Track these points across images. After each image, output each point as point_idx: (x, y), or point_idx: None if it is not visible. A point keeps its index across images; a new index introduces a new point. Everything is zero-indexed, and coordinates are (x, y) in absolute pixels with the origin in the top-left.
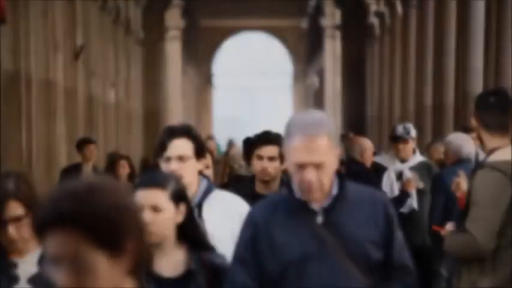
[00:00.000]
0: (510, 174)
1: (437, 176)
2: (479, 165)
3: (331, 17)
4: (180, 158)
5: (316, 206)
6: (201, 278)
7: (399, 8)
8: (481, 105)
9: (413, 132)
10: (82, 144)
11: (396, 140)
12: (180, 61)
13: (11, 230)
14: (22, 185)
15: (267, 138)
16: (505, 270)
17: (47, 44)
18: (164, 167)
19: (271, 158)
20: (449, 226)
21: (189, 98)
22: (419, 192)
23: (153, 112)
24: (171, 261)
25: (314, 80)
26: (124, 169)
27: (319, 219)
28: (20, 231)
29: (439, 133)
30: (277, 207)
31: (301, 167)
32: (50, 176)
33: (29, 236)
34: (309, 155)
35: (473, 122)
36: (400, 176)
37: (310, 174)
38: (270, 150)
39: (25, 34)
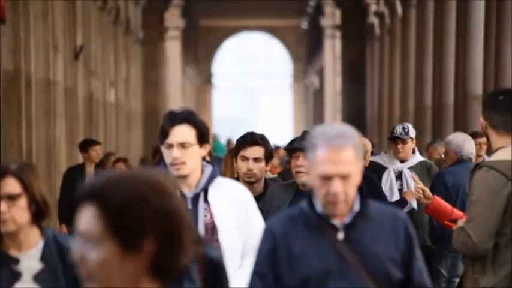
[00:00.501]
0: (509, 173)
1: (437, 175)
2: (478, 164)
3: (331, 17)
4: (182, 145)
5: (337, 222)
6: (195, 273)
7: (399, 8)
8: (489, 104)
9: (412, 133)
10: (86, 145)
11: (395, 140)
12: (179, 61)
13: (3, 206)
14: (26, 168)
15: (252, 139)
16: (505, 269)
17: (47, 43)
18: (166, 154)
19: (256, 159)
20: (460, 222)
21: (189, 98)
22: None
23: (153, 112)
24: None
25: (314, 80)
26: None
27: (340, 235)
28: (12, 211)
29: (438, 133)
30: (296, 221)
31: (327, 179)
32: (50, 176)
33: (24, 222)
34: (334, 166)
35: (482, 121)
36: (399, 175)
37: (336, 186)
38: (255, 151)
39: (25, 34)
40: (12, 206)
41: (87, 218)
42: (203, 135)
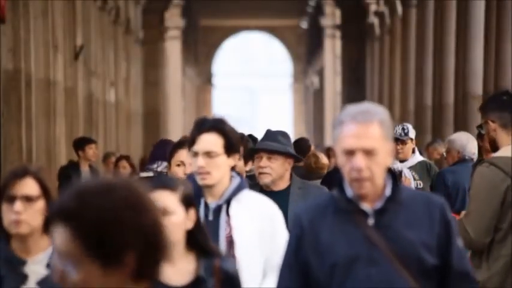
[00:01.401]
0: (508, 169)
1: (438, 174)
2: (480, 160)
3: (331, 16)
4: (208, 154)
5: (367, 207)
6: (211, 286)
7: (399, 8)
8: (495, 106)
9: (412, 133)
10: (83, 143)
11: (394, 141)
12: (179, 61)
13: (19, 206)
14: (43, 172)
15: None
16: (498, 264)
17: (47, 43)
18: (192, 161)
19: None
20: (463, 214)
21: (189, 98)
22: None
23: (153, 112)
24: (179, 269)
25: (314, 79)
26: (125, 169)
27: (371, 221)
28: (27, 213)
29: (438, 133)
30: (326, 207)
31: (350, 153)
32: (50, 175)
33: (37, 226)
34: (357, 140)
35: (491, 125)
36: (399, 175)
37: (359, 161)
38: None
39: (25, 34)
40: (29, 207)
41: (62, 239)
42: (231, 145)
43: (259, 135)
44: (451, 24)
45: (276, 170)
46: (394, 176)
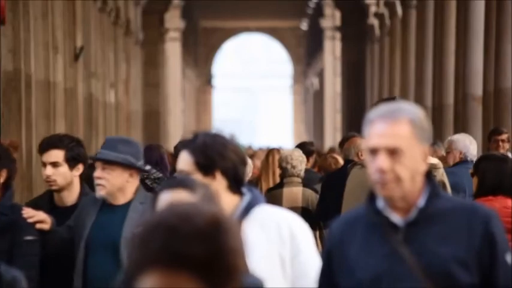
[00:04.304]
0: None
1: None
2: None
3: (331, 18)
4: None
5: (398, 219)
6: None
7: (399, 9)
8: None
9: None
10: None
11: None
12: (179, 62)
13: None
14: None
15: (49, 142)
16: None
17: (46, 44)
18: None
19: (54, 164)
20: None
21: (189, 99)
22: None
23: (152, 113)
24: None
25: (314, 81)
26: None
27: (401, 235)
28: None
29: (438, 134)
30: (357, 220)
31: (374, 152)
32: None
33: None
34: (381, 138)
35: None
36: None
37: (381, 160)
38: (53, 155)
39: (25, 35)
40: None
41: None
42: (205, 164)
43: (259, 136)
44: (451, 25)
45: (111, 182)
46: (434, 184)
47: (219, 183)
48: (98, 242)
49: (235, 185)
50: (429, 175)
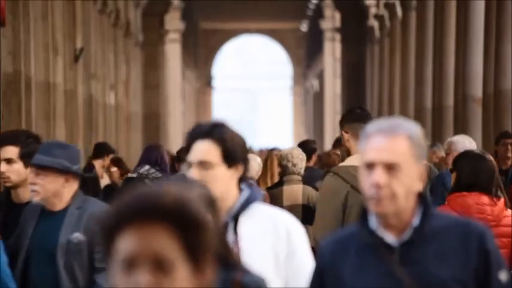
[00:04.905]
0: (348, 177)
1: (437, 177)
2: (326, 171)
3: (331, 19)
4: (202, 165)
5: (393, 240)
6: None
7: (399, 11)
8: (349, 118)
9: None
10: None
11: None
12: (179, 63)
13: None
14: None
15: (2, 138)
16: None
17: (46, 46)
18: (189, 174)
19: (8, 160)
20: None
21: (189, 100)
22: None
23: (152, 114)
24: None
25: (314, 82)
26: (115, 173)
27: (396, 256)
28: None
29: (438, 135)
30: (348, 242)
31: (370, 167)
32: None
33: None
34: (378, 152)
35: (345, 136)
36: None
37: (378, 175)
38: (7, 151)
39: (25, 36)
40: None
41: (157, 240)
42: (231, 154)
43: (259, 137)
44: (451, 26)
45: (45, 187)
46: (427, 204)
47: (236, 177)
48: (37, 250)
49: (241, 179)
50: (422, 195)
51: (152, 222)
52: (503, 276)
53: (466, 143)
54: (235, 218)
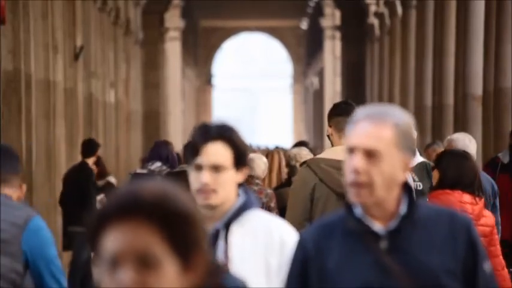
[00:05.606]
0: (318, 170)
1: None
2: (303, 162)
3: (331, 17)
4: (215, 168)
5: (380, 228)
6: None
7: (399, 9)
8: (333, 112)
9: None
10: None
11: None
12: (179, 62)
13: None
14: None
15: None
16: None
17: (46, 44)
18: (193, 176)
19: None
20: None
21: (189, 99)
22: (419, 193)
23: (152, 112)
24: None
25: (314, 80)
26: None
27: (383, 244)
28: None
29: (438, 133)
30: (333, 229)
31: (351, 151)
32: (50, 176)
33: None
34: (362, 138)
35: (329, 129)
36: None
37: (356, 160)
38: None
39: (25, 35)
40: None
41: (140, 236)
42: (241, 157)
43: (259, 135)
44: (451, 25)
45: None
46: (411, 192)
47: (240, 180)
48: None
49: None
50: (407, 185)
51: (133, 218)
52: (487, 265)
53: (466, 140)
54: (227, 226)
